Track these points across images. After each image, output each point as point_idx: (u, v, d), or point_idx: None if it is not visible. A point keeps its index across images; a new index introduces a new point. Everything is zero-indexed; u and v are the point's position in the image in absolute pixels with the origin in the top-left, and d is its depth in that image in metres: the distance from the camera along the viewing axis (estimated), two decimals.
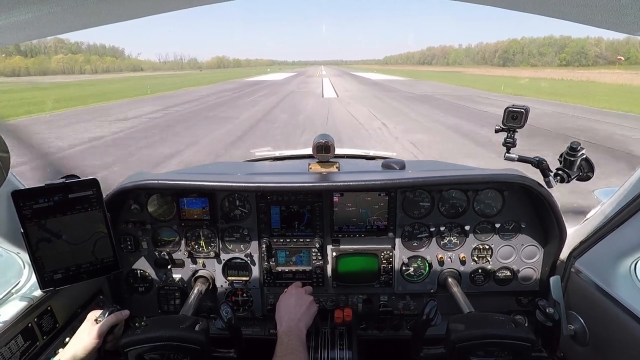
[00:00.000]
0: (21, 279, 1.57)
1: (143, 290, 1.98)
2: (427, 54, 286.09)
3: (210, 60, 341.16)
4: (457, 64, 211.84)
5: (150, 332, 1.32)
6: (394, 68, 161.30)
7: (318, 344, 1.77)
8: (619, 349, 1.45)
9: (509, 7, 1.04)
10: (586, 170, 1.56)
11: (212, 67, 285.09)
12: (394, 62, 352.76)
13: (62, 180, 1.40)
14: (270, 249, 1.93)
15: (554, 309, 1.46)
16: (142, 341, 1.30)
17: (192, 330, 1.34)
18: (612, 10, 0.85)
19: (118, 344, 1.35)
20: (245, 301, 2.02)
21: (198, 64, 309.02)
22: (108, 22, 1.05)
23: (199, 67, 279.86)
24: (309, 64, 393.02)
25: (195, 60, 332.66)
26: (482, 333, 1.29)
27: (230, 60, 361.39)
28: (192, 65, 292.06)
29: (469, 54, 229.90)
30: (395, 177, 1.82)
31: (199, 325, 1.37)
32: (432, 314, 1.41)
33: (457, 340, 1.29)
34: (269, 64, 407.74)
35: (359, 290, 2.01)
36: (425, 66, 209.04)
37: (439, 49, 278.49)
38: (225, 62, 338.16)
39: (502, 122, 1.59)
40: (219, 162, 3.77)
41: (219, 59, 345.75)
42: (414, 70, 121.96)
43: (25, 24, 0.87)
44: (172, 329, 1.34)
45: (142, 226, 1.90)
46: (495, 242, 1.92)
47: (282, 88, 38.23)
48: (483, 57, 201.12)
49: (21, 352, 1.38)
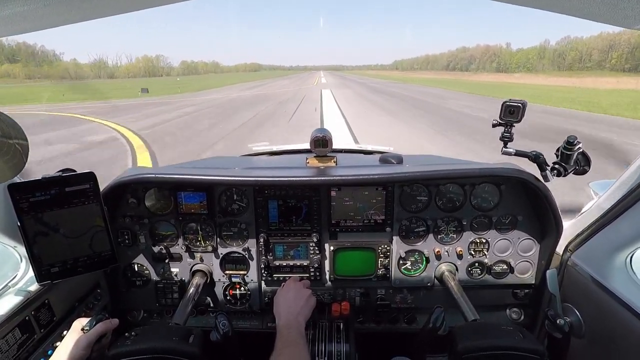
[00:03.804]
0: (18, 273, 1.56)
1: (140, 284, 1.98)
2: (461, 57, 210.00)
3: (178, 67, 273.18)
4: (523, 69, 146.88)
5: (141, 343, 1.25)
6: (430, 77, 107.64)
7: (316, 337, 1.78)
8: (615, 341, 1.47)
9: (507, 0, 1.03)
10: (583, 164, 1.56)
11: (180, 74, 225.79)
12: (407, 67, 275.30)
13: (58, 174, 1.40)
14: (268, 243, 1.93)
15: (564, 320, 1.45)
16: (132, 353, 1.22)
17: (185, 343, 1.27)
18: (610, 4, 0.85)
19: (106, 353, 1.28)
20: (243, 295, 2.03)
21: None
22: (105, 15, 1.04)
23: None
24: (308, 69, 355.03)
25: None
26: (490, 344, 1.25)
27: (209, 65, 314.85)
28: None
29: (542, 55, 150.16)
30: (392, 171, 1.82)
31: (193, 337, 1.30)
32: (439, 323, 1.38)
33: (464, 351, 1.25)
34: (255, 69, 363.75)
35: (356, 284, 2.02)
36: (463, 74, 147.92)
37: (478, 49, 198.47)
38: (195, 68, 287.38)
39: (499, 116, 1.59)
40: (217, 157, 3.76)
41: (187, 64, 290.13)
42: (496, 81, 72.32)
43: (21, 16, 0.86)
44: (164, 340, 1.27)
45: (139, 220, 1.90)
46: (492, 235, 1.93)
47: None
48: (581, 59, 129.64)
49: (18, 344, 1.38)
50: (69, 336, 1.33)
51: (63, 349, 1.28)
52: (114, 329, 1.42)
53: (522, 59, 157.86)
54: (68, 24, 1.05)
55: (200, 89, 49.71)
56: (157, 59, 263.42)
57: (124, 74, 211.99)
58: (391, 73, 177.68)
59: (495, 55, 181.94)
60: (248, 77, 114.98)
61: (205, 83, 71.54)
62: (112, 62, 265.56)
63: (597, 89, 45.84)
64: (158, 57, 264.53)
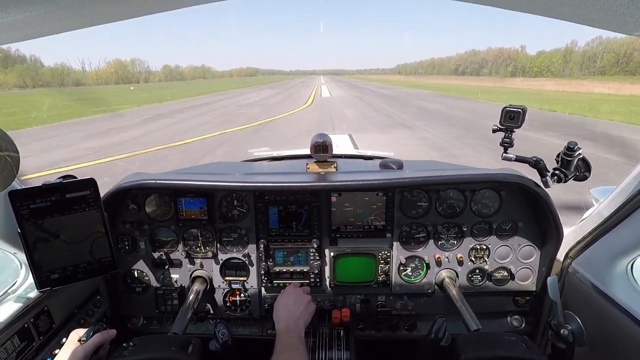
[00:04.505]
0: (18, 279, 1.56)
1: (140, 291, 1.97)
2: (471, 61, 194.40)
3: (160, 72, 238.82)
4: (547, 73, 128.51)
5: (139, 354, 1.24)
6: (444, 82, 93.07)
7: (316, 345, 1.77)
8: (616, 349, 1.45)
9: (506, 6, 1.04)
10: (583, 170, 1.56)
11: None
12: (410, 71, 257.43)
13: (59, 180, 1.40)
14: (268, 249, 1.93)
15: (568, 330, 1.44)
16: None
17: (184, 353, 1.25)
18: (609, 10, 0.85)
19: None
20: (243, 301, 2.02)
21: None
22: (105, 22, 1.05)
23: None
24: (308, 74, 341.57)
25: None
26: (493, 355, 1.25)
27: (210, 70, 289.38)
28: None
29: (568, 58, 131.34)
30: (392, 176, 1.82)
31: (192, 347, 1.29)
32: (441, 334, 1.37)
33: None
34: (251, 74, 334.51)
35: (356, 291, 2.01)
36: (478, 78, 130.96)
37: (491, 52, 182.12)
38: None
39: (499, 121, 1.60)
40: (217, 162, 3.77)
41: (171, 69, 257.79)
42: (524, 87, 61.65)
43: (21, 24, 0.87)
44: (163, 351, 1.26)
45: (139, 226, 1.90)
46: (493, 242, 1.92)
47: None
48: (617, 61, 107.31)
49: (17, 352, 1.37)
50: (66, 347, 1.30)
51: (59, 359, 1.26)
52: (112, 339, 1.40)
53: (544, 63, 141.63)
54: (68, 30, 1.06)
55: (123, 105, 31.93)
56: (133, 62, 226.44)
57: (93, 81, 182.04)
58: (398, 78, 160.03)
59: (511, 58, 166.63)
60: (229, 84, 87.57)
61: (159, 94, 48.77)
62: (77, 66, 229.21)
63: None
64: (134, 61, 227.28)
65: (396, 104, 30.91)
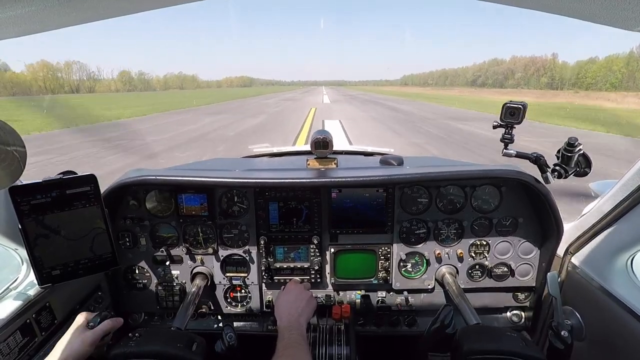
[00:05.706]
0: (19, 276, 1.56)
1: (141, 287, 1.98)
2: (493, 71, 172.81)
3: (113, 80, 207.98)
4: (606, 85, 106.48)
5: (145, 346, 1.25)
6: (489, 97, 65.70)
7: (316, 340, 1.78)
8: (616, 343, 1.46)
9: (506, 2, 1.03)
10: (583, 166, 1.56)
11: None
12: (418, 83, 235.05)
13: (59, 176, 1.40)
14: (269, 245, 1.93)
15: (568, 332, 1.45)
16: (134, 355, 1.22)
17: (189, 351, 1.26)
18: (610, 6, 0.85)
19: (106, 353, 1.27)
20: (243, 297, 2.03)
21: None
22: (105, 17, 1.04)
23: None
24: (309, 85, 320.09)
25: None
26: (494, 348, 1.26)
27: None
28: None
29: (635, 66, 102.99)
30: (393, 173, 1.82)
31: (196, 345, 1.30)
32: (448, 321, 1.38)
33: (469, 352, 1.26)
34: (245, 84, 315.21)
35: (357, 287, 2.01)
36: (504, 91, 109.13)
37: (521, 61, 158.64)
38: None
39: (500, 118, 1.60)
40: (217, 158, 3.77)
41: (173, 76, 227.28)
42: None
43: (26, 17, 0.87)
44: (168, 345, 1.26)
45: (140, 222, 1.90)
46: (493, 238, 1.93)
47: None
48: None
49: (19, 348, 1.38)
50: (74, 330, 1.31)
51: (69, 343, 1.27)
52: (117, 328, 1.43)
53: (600, 73, 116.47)
54: (69, 25, 1.06)
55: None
56: (68, 66, 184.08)
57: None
58: (410, 89, 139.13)
59: (546, 68, 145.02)
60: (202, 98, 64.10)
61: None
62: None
63: None
64: (69, 64, 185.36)
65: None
